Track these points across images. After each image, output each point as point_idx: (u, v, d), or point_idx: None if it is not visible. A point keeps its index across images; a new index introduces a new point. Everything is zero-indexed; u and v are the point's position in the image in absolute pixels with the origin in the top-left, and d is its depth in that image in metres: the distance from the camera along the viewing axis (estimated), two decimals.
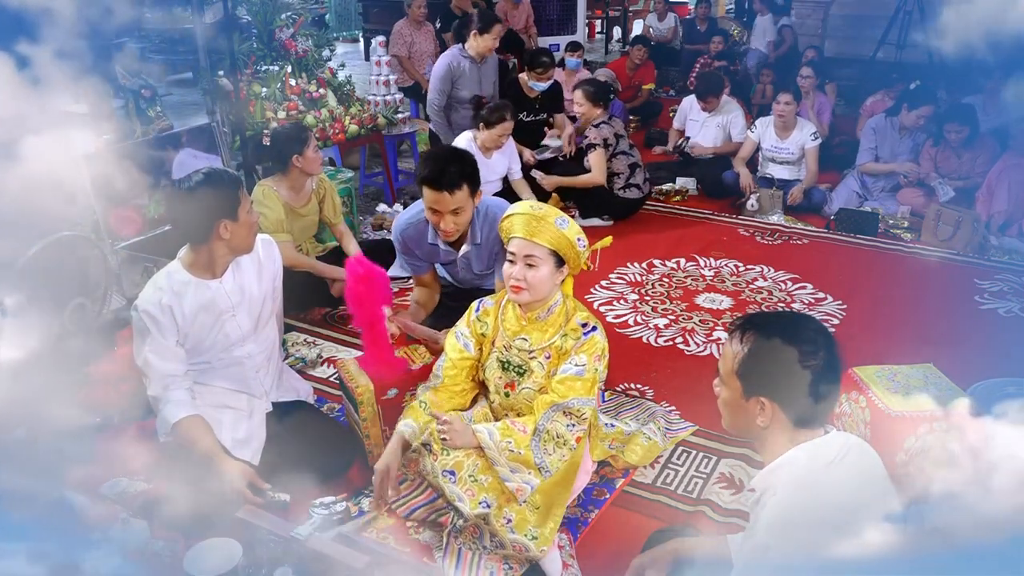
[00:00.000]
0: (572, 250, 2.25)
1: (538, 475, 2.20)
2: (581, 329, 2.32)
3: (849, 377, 2.71)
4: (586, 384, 2.25)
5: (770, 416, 1.52)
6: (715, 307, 3.97)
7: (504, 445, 2.20)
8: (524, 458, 2.20)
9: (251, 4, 4.92)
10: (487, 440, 2.21)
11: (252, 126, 4.48)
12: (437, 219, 2.74)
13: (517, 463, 2.20)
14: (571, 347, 2.30)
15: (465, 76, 5.02)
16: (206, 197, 2.32)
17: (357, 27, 12.04)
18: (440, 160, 2.68)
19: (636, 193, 5.10)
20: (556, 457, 2.22)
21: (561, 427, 2.23)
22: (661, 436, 2.76)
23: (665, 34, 9.70)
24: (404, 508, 2.45)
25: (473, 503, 2.19)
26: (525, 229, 2.24)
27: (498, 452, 2.20)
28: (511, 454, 2.20)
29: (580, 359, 2.27)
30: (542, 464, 2.21)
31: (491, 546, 2.23)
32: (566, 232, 2.22)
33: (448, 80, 4.98)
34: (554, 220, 2.23)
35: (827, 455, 1.50)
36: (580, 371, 2.26)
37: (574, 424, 2.24)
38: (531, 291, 2.26)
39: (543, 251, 2.23)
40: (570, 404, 2.23)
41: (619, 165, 5.06)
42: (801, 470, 1.50)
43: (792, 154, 5.33)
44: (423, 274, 3.09)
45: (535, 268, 2.23)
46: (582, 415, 2.24)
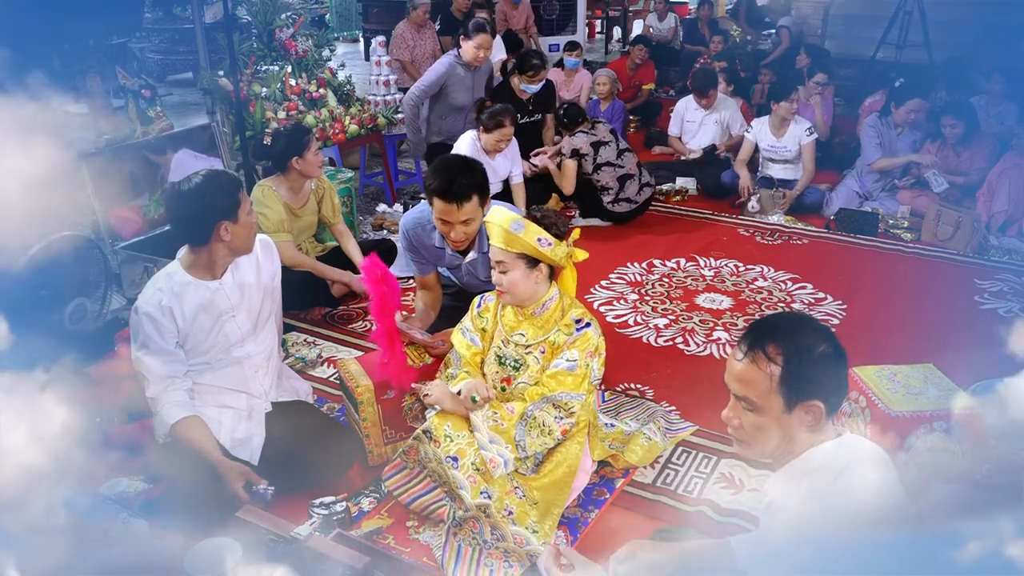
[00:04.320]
0: (536, 251, 2.29)
1: (515, 451, 2.25)
2: (574, 325, 2.36)
3: (849, 377, 2.70)
4: (576, 379, 2.29)
5: (820, 416, 1.48)
6: (715, 307, 3.97)
7: (489, 415, 2.27)
8: (505, 431, 2.26)
9: (251, 4, 4.92)
10: (474, 418, 2.28)
11: (252, 126, 4.48)
12: (447, 229, 2.75)
13: (497, 434, 2.26)
14: (564, 342, 2.34)
15: (459, 82, 4.92)
16: (207, 198, 2.32)
17: (357, 27, 12.04)
18: (450, 171, 2.68)
19: (626, 207, 4.96)
20: (538, 442, 2.27)
21: (549, 418, 2.28)
22: (661, 436, 2.76)
23: (665, 34, 9.70)
24: (406, 496, 2.47)
25: (475, 492, 2.23)
26: (495, 237, 2.34)
27: (481, 420, 2.26)
28: (494, 424, 2.26)
29: (572, 354, 2.31)
30: (521, 441, 2.26)
31: (492, 540, 2.24)
32: (522, 236, 2.28)
33: (439, 84, 4.88)
34: (509, 226, 2.29)
35: (839, 459, 1.49)
36: (571, 366, 2.29)
37: (562, 417, 2.29)
38: (510, 293, 2.35)
39: (510, 256, 2.31)
40: (559, 397, 2.28)
41: (605, 178, 4.89)
42: (815, 475, 1.49)
43: (790, 151, 5.33)
44: (427, 275, 3.09)
45: (507, 272, 2.32)
46: (570, 409, 2.29)
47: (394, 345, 2.60)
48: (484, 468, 2.25)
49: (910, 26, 6.99)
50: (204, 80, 4.60)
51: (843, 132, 6.41)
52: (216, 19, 6.39)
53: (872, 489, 1.48)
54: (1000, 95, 5.71)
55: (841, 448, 1.51)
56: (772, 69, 7.52)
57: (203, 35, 4.63)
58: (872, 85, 6.70)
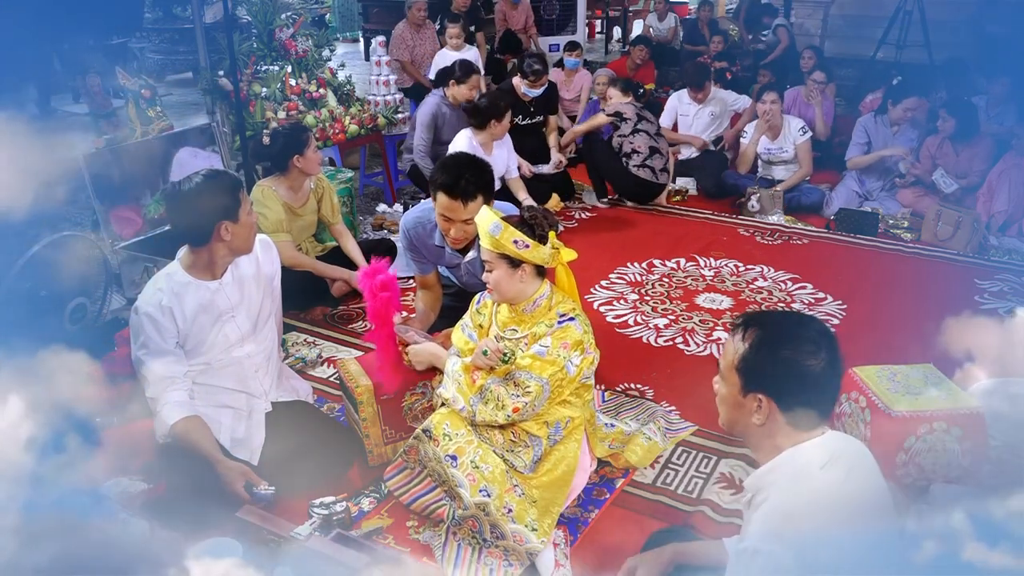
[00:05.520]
0: (514, 252, 2.30)
1: (469, 410, 2.34)
2: (557, 318, 2.37)
3: (849, 377, 2.71)
4: (544, 364, 2.30)
5: (766, 414, 1.53)
6: (715, 307, 3.97)
7: (456, 377, 2.37)
8: (464, 394, 2.35)
9: (251, 4, 4.92)
10: (448, 366, 2.42)
11: (252, 126, 4.48)
12: (448, 226, 2.74)
13: (459, 395, 2.35)
14: (544, 332, 2.35)
15: (448, 123, 4.97)
16: (207, 199, 2.32)
17: (358, 27, 12.04)
18: (459, 168, 2.67)
19: (648, 175, 5.16)
20: (489, 413, 2.32)
21: (504, 392, 2.30)
22: (661, 436, 2.76)
23: (665, 34, 9.69)
24: (406, 496, 2.47)
25: (473, 490, 2.24)
26: (481, 237, 2.37)
27: (450, 378, 2.38)
28: (457, 386, 2.36)
29: (545, 341, 2.33)
30: (474, 407, 2.33)
31: (491, 539, 2.25)
32: (499, 238, 2.30)
33: (432, 128, 4.94)
34: (488, 227, 2.32)
35: (821, 457, 1.50)
36: (541, 351, 2.31)
37: (517, 395, 2.30)
38: (497, 291, 2.38)
39: (493, 255, 2.34)
40: (517, 375, 2.30)
41: (638, 142, 5.14)
42: (794, 472, 1.50)
43: (787, 152, 5.33)
44: (427, 274, 3.09)
45: (492, 272, 2.35)
46: (526, 388, 2.29)
47: (390, 348, 2.60)
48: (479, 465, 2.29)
49: (910, 26, 6.99)
50: (204, 80, 4.60)
51: (843, 132, 6.39)
52: (216, 19, 6.38)
53: (854, 484, 1.48)
54: (1000, 96, 5.71)
55: (822, 445, 1.52)
56: (771, 69, 7.51)
57: (203, 35, 4.63)
58: (872, 85, 6.71)
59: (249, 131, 4.40)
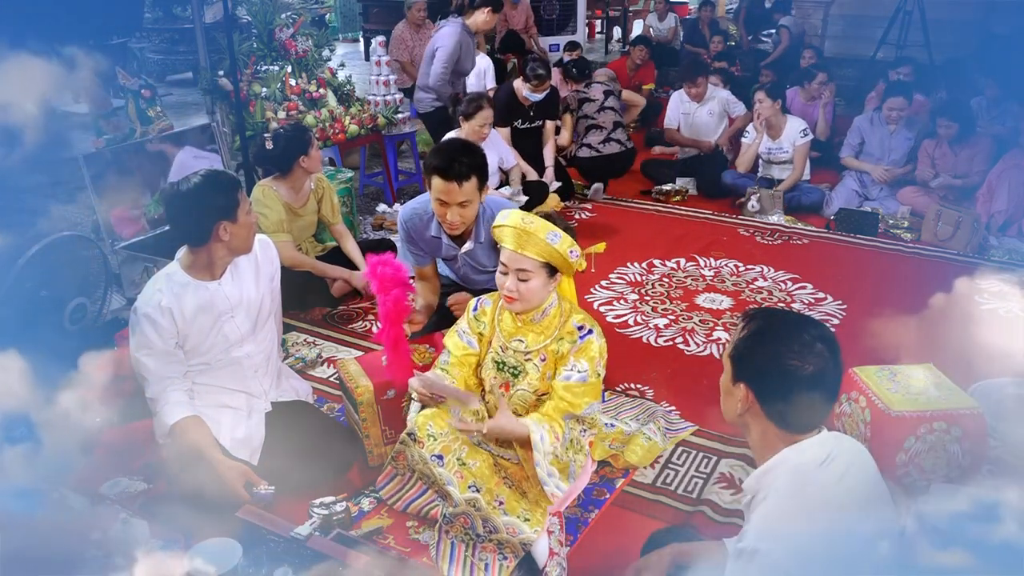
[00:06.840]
0: (564, 262, 2.27)
1: (565, 481, 2.28)
2: (577, 332, 2.34)
3: (849, 377, 2.71)
4: (592, 389, 2.32)
5: (747, 405, 1.55)
6: (715, 307, 3.97)
7: (550, 450, 2.25)
8: (562, 465, 2.29)
9: (251, 4, 4.91)
10: (538, 442, 2.22)
11: (252, 126, 4.48)
12: (444, 210, 2.74)
13: (555, 468, 2.26)
14: (567, 351, 2.32)
15: (466, 51, 5.17)
16: (205, 199, 2.32)
17: (358, 27, 12.04)
18: (451, 150, 2.70)
19: (587, 152, 5.39)
20: (577, 463, 2.35)
21: (576, 433, 2.35)
22: (661, 436, 2.76)
23: (665, 34, 9.69)
24: (400, 503, 2.47)
25: (462, 486, 2.24)
26: (515, 242, 2.25)
27: (543, 456, 2.23)
28: (554, 459, 2.26)
29: (581, 365, 2.30)
30: (572, 472, 2.33)
31: (484, 533, 2.24)
32: (558, 247, 2.23)
33: (456, 57, 5.09)
34: (545, 236, 2.23)
35: (817, 456, 1.50)
36: (583, 377, 2.29)
37: (586, 429, 2.38)
38: (523, 302, 2.29)
39: (534, 263, 2.25)
40: (585, 414, 2.33)
41: (580, 128, 5.44)
42: (790, 472, 1.50)
43: (787, 152, 5.33)
44: (425, 266, 3.10)
45: (528, 281, 2.26)
46: (592, 421, 2.37)
47: (399, 347, 2.59)
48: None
49: (910, 26, 6.99)
50: (204, 80, 4.60)
51: (843, 132, 6.38)
52: (216, 19, 6.38)
53: (852, 482, 1.48)
54: (1000, 96, 5.71)
55: (819, 444, 1.52)
56: (772, 69, 7.51)
57: (203, 35, 4.62)
58: (872, 86, 6.71)
59: (249, 131, 4.39)
